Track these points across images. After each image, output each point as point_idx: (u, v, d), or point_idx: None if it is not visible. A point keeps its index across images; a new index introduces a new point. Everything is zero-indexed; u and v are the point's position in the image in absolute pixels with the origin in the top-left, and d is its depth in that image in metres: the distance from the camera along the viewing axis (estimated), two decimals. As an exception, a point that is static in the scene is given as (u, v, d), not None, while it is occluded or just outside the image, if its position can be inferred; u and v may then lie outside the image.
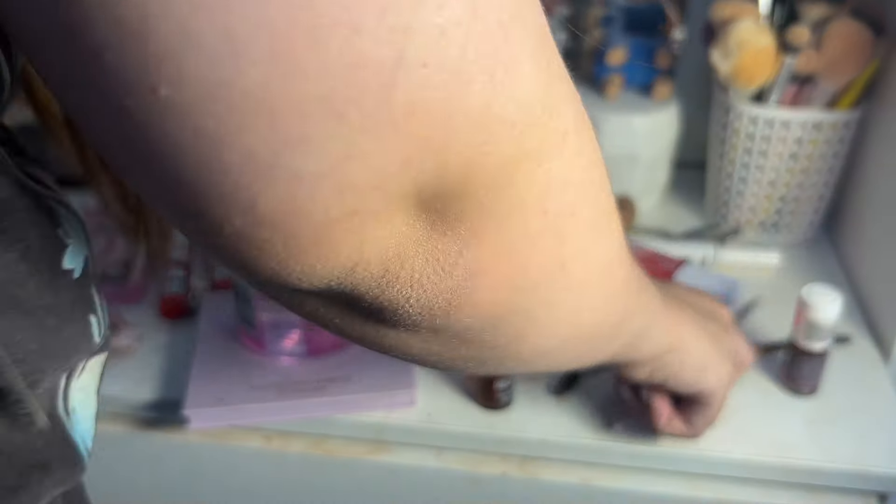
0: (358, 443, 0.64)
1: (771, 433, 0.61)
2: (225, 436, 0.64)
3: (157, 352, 0.69)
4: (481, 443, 0.62)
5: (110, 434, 0.65)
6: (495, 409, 0.63)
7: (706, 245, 0.80)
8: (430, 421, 0.62)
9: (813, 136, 0.77)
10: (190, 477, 0.67)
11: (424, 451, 0.63)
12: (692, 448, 0.60)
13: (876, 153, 0.77)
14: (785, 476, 0.60)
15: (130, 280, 0.76)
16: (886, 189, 0.74)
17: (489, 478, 0.62)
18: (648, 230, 0.86)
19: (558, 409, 0.64)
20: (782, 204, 0.82)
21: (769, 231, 0.84)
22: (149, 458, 0.66)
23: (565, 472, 0.62)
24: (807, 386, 0.64)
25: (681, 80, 0.88)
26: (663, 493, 0.60)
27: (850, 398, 0.65)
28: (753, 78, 0.75)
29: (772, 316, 0.74)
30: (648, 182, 0.88)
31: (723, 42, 0.74)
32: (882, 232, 0.73)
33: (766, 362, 0.68)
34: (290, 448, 0.64)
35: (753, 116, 0.78)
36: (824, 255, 0.84)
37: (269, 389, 0.62)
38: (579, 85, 0.94)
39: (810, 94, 0.76)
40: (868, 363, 0.69)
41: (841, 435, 0.61)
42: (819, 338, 0.62)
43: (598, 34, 0.88)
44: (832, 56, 0.73)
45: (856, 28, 0.72)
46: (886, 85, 0.76)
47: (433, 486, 0.63)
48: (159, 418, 0.65)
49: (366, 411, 0.63)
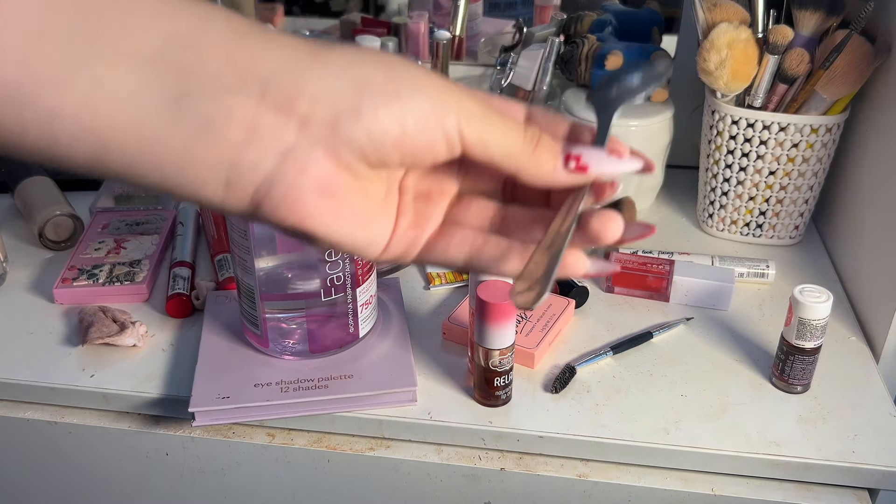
0: (360, 439, 0.65)
1: (763, 430, 0.62)
2: (229, 432, 0.65)
3: (162, 350, 0.70)
4: (480, 439, 0.63)
5: (116, 431, 0.66)
6: (494, 406, 0.64)
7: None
8: (430, 418, 0.64)
9: (797, 139, 0.78)
10: (195, 473, 0.68)
11: (425, 448, 0.64)
12: (686, 444, 0.61)
13: (866, 154, 0.78)
14: (777, 472, 0.61)
15: (136, 280, 0.77)
16: (877, 189, 0.75)
17: (488, 473, 0.63)
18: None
19: (555, 406, 0.65)
20: (768, 205, 0.83)
21: (755, 232, 0.85)
22: (154, 455, 0.67)
23: (562, 467, 0.63)
24: (799, 384, 0.65)
25: (675, 84, 0.89)
26: (658, 488, 0.62)
27: (842, 395, 0.66)
28: (738, 78, 0.76)
29: (763, 315, 0.75)
30: (644, 184, 0.89)
31: (709, 42, 0.76)
32: (873, 231, 0.75)
33: (760, 362, 0.69)
34: (293, 444, 0.65)
35: (737, 118, 0.79)
36: (816, 254, 0.85)
37: (272, 387, 0.64)
38: (575, 90, 0.95)
39: (806, 99, 0.77)
40: (859, 361, 0.70)
41: (832, 431, 0.62)
42: (811, 337, 0.63)
43: (593, 39, 0.90)
44: (836, 71, 0.74)
45: (859, 42, 0.73)
46: (875, 88, 0.77)
47: (433, 482, 0.65)
48: (165, 416, 0.67)
49: (367, 409, 0.64)
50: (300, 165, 0.30)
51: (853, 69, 0.74)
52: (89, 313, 0.72)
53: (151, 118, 0.28)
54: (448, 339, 0.72)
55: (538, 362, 0.69)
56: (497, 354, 0.62)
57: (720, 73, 0.76)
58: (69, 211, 0.84)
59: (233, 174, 0.30)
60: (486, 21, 1.05)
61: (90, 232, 0.85)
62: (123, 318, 0.71)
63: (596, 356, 0.69)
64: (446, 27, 0.98)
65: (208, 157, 0.29)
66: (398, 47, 0.99)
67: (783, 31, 0.74)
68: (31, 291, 0.78)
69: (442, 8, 1.03)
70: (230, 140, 0.29)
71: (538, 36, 0.94)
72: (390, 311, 0.73)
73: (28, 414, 0.68)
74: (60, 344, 0.71)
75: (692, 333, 0.73)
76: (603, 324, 0.74)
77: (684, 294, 0.76)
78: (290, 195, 0.31)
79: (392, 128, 0.31)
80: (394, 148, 0.31)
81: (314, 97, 0.30)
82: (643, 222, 0.36)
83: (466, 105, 0.33)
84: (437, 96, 0.32)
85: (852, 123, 0.81)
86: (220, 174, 0.30)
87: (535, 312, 0.72)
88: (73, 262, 0.79)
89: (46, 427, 0.67)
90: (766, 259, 0.80)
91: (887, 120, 0.74)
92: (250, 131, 0.29)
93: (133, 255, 0.81)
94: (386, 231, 0.35)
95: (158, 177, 0.30)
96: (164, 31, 0.28)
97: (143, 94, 0.28)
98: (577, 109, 0.85)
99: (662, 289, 0.76)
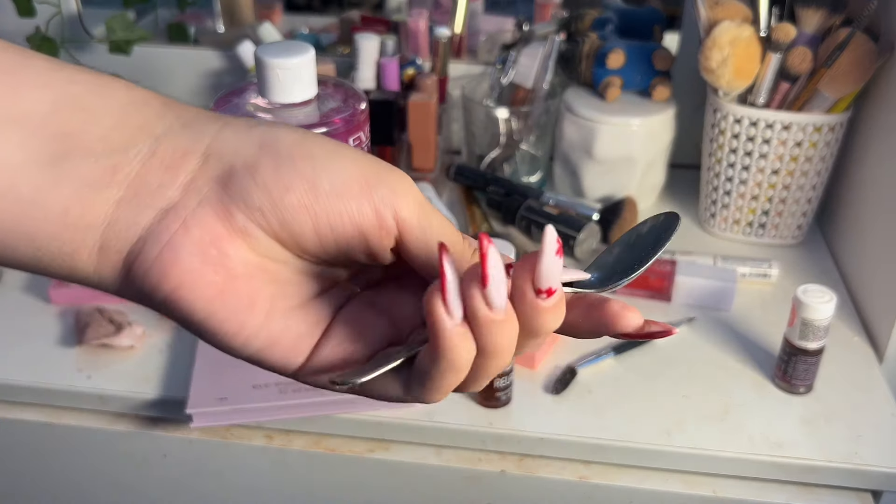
0: (359, 441, 0.65)
1: (766, 431, 0.62)
2: (227, 434, 0.65)
3: (159, 351, 0.70)
4: (480, 441, 0.63)
5: (113, 433, 0.66)
6: (494, 407, 0.64)
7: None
8: (429, 419, 0.63)
9: (799, 137, 0.78)
10: (193, 475, 0.67)
11: (424, 449, 0.64)
12: (688, 446, 0.61)
13: (869, 153, 0.78)
14: (780, 474, 0.61)
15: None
16: (881, 188, 0.75)
17: (488, 475, 0.63)
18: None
19: (556, 407, 0.64)
20: (770, 205, 0.83)
21: (758, 231, 0.85)
22: (152, 457, 0.67)
23: (563, 469, 0.62)
24: (802, 385, 0.65)
25: (677, 82, 0.89)
26: (659, 490, 0.61)
27: (845, 397, 0.65)
28: (740, 76, 0.76)
29: (766, 316, 0.74)
30: (646, 183, 0.89)
31: (711, 40, 0.75)
32: (876, 231, 0.74)
33: (763, 363, 0.69)
34: (291, 446, 0.64)
35: (739, 117, 0.79)
36: (819, 255, 0.84)
37: (270, 388, 0.63)
38: (577, 88, 0.95)
39: (809, 98, 0.77)
40: (862, 362, 0.69)
41: (835, 433, 0.62)
42: (814, 337, 0.62)
43: (594, 38, 0.89)
44: (839, 69, 0.74)
45: (862, 40, 0.73)
46: (878, 86, 0.76)
47: (433, 484, 0.64)
48: (162, 417, 0.66)
49: (366, 410, 0.64)
50: (181, 223, 0.26)
51: (856, 67, 0.73)
52: (86, 314, 0.72)
53: (30, 181, 0.26)
54: (448, 339, 0.71)
55: (539, 363, 0.68)
56: (497, 355, 0.61)
57: (722, 72, 0.76)
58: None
59: (107, 235, 0.27)
60: (486, 19, 1.05)
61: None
62: (120, 319, 0.71)
63: (597, 357, 0.69)
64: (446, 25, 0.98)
65: (84, 218, 0.26)
66: (398, 45, 0.98)
67: (786, 29, 0.74)
68: (28, 292, 0.77)
69: (442, 5, 1.03)
70: (108, 199, 0.26)
71: (539, 34, 0.94)
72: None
73: (24, 415, 0.67)
74: (57, 345, 0.71)
75: (694, 334, 0.72)
76: (604, 324, 0.73)
77: (686, 294, 0.75)
78: (165, 255, 0.26)
79: (298, 186, 0.26)
80: (303, 211, 0.26)
81: (208, 154, 0.27)
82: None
83: (408, 186, 0.28)
84: (365, 164, 0.27)
85: (855, 122, 0.80)
86: (95, 236, 0.27)
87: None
88: (70, 262, 0.79)
89: (43, 428, 0.67)
90: (768, 259, 0.80)
91: (890, 118, 0.74)
92: (131, 189, 0.26)
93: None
94: (303, 334, 0.29)
95: (31, 249, 0.27)
96: (56, 94, 0.27)
97: (25, 156, 0.26)
98: (578, 108, 0.85)
99: (664, 289, 0.75)
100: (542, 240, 0.24)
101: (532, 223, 0.83)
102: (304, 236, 0.27)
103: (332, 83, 0.59)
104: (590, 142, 0.84)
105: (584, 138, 0.85)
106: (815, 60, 0.75)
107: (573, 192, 0.90)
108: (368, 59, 0.90)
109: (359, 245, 0.27)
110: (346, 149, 0.28)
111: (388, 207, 0.27)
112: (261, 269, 0.27)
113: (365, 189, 0.27)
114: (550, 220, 0.80)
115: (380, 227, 0.27)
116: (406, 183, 0.28)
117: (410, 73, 0.92)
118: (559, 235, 0.24)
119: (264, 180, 0.26)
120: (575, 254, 0.79)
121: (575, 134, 0.86)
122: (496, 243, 0.70)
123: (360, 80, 0.91)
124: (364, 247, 0.28)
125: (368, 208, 0.27)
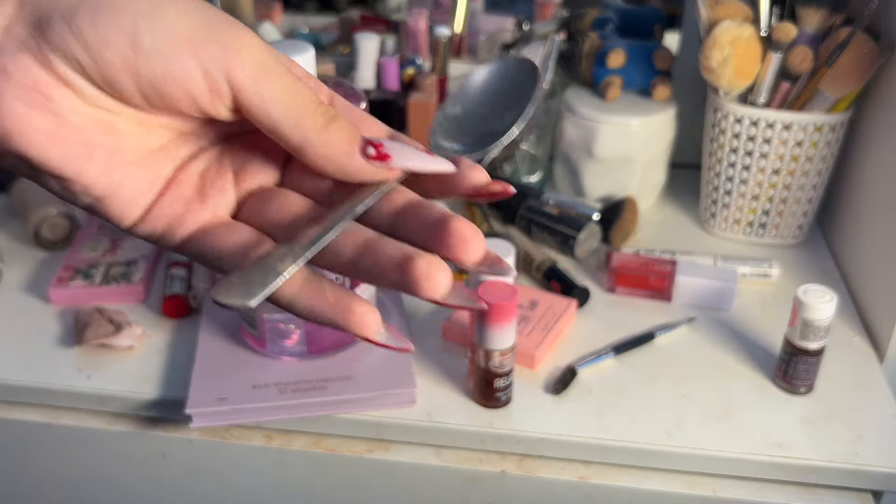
0: (358, 441, 0.65)
1: (766, 431, 0.62)
2: (227, 434, 0.65)
3: (159, 351, 0.70)
4: (480, 441, 0.63)
5: (112, 433, 0.66)
6: (494, 407, 0.64)
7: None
8: (429, 419, 0.63)
9: (800, 137, 0.78)
10: (192, 475, 0.67)
11: (424, 450, 0.64)
12: (689, 446, 0.61)
13: (870, 152, 0.78)
14: (780, 474, 0.61)
15: (132, 280, 0.76)
16: (881, 188, 0.74)
17: (488, 475, 0.62)
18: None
19: (556, 407, 0.64)
20: (771, 205, 0.83)
21: (758, 231, 0.85)
22: (151, 457, 0.67)
23: (563, 469, 0.62)
24: (802, 385, 0.65)
25: (677, 82, 0.89)
26: (660, 490, 0.61)
27: (846, 397, 0.65)
28: (741, 76, 0.76)
29: (767, 315, 0.74)
30: (646, 183, 0.89)
31: (712, 40, 0.75)
32: (877, 230, 0.74)
33: (763, 363, 0.69)
34: (291, 446, 0.64)
35: (740, 116, 0.78)
36: (820, 254, 0.84)
37: (270, 388, 0.63)
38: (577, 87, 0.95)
39: (810, 97, 0.77)
40: (863, 362, 0.69)
41: (836, 433, 0.62)
42: (814, 337, 0.62)
43: (594, 37, 0.89)
44: (839, 68, 0.73)
45: (863, 40, 0.73)
46: (879, 86, 0.76)
47: (433, 484, 0.64)
48: (161, 417, 0.66)
49: (366, 410, 0.63)
50: (1, 68, 0.25)
51: (857, 67, 0.73)
52: (85, 314, 0.71)
53: None
54: (448, 339, 0.71)
55: (539, 363, 0.68)
56: (497, 355, 0.61)
57: (723, 71, 0.76)
58: (65, 210, 0.83)
59: None
60: (486, 18, 1.05)
61: (86, 232, 0.84)
62: (120, 319, 0.71)
63: (597, 357, 0.68)
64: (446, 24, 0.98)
65: None
66: (398, 45, 0.98)
67: (786, 28, 0.74)
68: (27, 292, 0.77)
69: (442, 5, 1.03)
70: None
71: (539, 33, 0.93)
72: (390, 312, 0.73)
73: (24, 415, 0.67)
74: (56, 345, 0.70)
75: (695, 334, 0.72)
76: (604, 324, 0.73)
77: (687, 294, 0.75)
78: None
79: (117, 40, 0.24)
80: (123, 69, 0.25)
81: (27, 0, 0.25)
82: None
83: (246, 43, 0.26)
84: (195, 18, 0.25)
85: (856, 121, 0.80)
86: None
87: (536, 312, 0.71)
88: (68, 262, 0.79)
89: (42, 429, 0.67)
90: (769, 259, 0.80)
91: (891, 118, 0.73)
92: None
93: (129, 254, 0.80)
94: (142, 189, 0.28)
95: None
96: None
97: None
98: (579, 107, 0.84)
99: (665, 289, 0.75)
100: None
101: (532, 223, 0.82)
102: (128, 93, 0.26)
103: (332, 82, 0.59)
104: (590, 141, 0.84)
105: (584, 138, 0.85)
106: (815, 60, 0.75)
107: (573, 191, 0.90)
108: (368, 58, 0.90)
109: (189, 107, 0.26)
110: (184, 3, 0.26)
111: (219, 69, 0.25)
112: (94, 119, 0.26)
113: (191, 47, 0.25)
114: (551, 220, 0.80)
115: (210, 90, 0.25)
116: (243, 40, 0.26)
117: (410, 72, 0.92)
118: (560, 235, 0.24)
119: (80, 30, 0.24)
120: (575, 254, 0.79)
121: (575, 133, 0.86)
122: (495, 243, 0.70)
123: (360, 79, 0.91)
124: (195, 109, 0.26)
125: (196, 70, 0.25)
